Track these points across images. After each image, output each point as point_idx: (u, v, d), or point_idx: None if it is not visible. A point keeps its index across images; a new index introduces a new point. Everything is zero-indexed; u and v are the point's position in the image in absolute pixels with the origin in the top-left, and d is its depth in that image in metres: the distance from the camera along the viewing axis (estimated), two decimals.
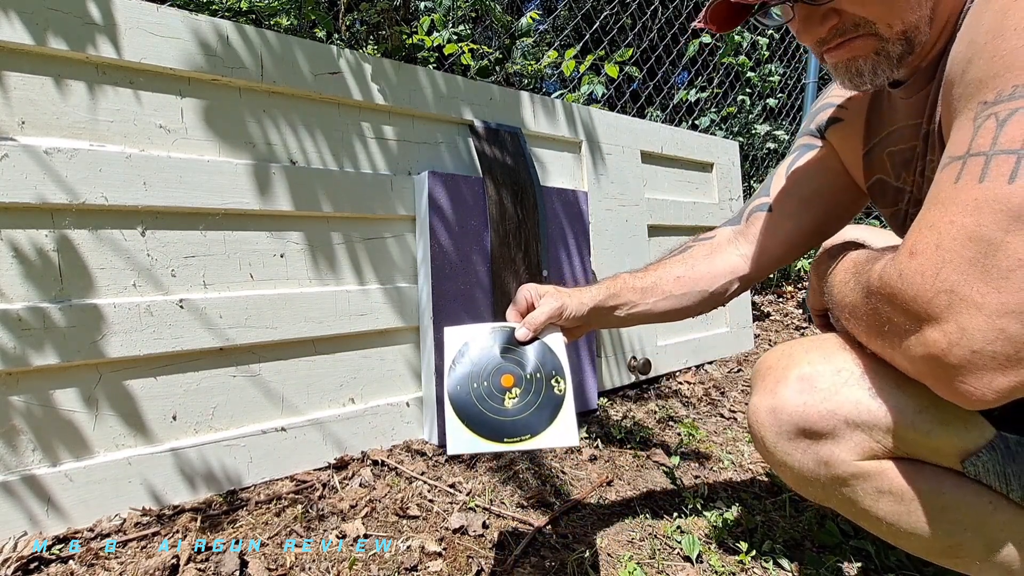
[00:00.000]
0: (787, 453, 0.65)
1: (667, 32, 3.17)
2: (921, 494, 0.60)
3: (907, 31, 0.60)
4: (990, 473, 0.56)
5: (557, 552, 0.96)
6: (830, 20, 0.62)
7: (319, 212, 1.25)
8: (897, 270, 0.52)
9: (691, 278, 0.93)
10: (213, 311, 1.11)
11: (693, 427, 1.50)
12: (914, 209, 0.75)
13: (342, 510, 1.05)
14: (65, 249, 0.98)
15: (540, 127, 1.69)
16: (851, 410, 0.61)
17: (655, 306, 0.91)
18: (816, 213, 0.91)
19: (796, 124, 3.80)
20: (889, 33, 0.61)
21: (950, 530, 0.59)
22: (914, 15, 0.59)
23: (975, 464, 0.56)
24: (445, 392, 0.73)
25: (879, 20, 0.60)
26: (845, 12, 0.60)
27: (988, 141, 0.48)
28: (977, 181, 0.48)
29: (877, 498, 0.62)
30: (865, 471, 0.61)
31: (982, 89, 0.51)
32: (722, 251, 0.95)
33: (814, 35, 0.64)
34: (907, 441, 0.59)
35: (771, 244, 0.92)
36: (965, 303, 0.46)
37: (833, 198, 0.90)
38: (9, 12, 0.93)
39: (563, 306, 0.80)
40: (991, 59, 0.50)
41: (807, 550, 0.99)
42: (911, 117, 0.72)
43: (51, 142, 0.97)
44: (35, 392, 0.95)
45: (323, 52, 1.27)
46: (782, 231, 0.91)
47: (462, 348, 0.76)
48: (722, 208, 2.34)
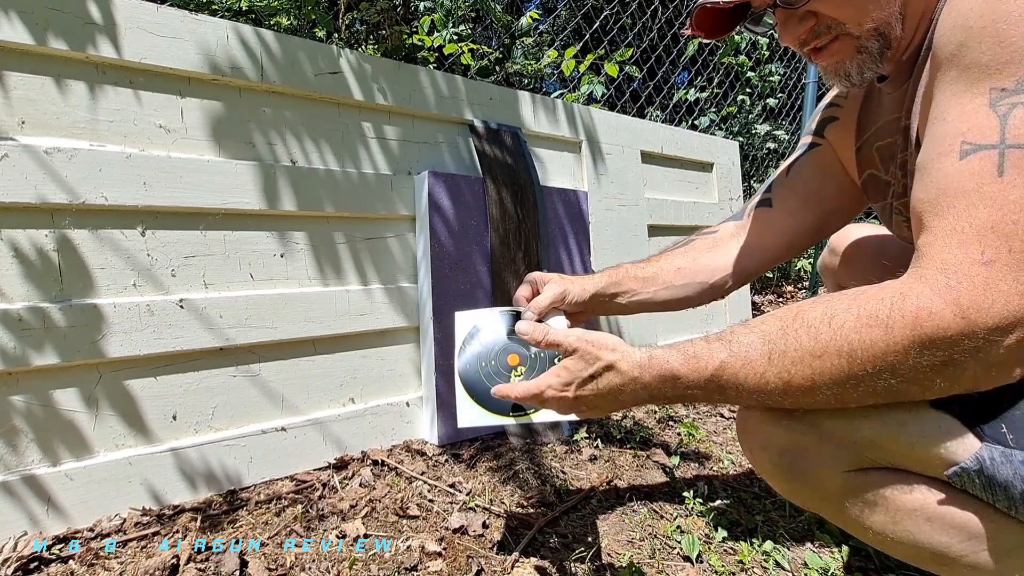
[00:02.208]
0: (775, 465, 0.66)
1: (667, 32, 3.17)
2: (907, 505, 0.60)
3: (879, 27, 0.63)
4: (976, 484, 0.55)
5: (557, 552, 0.96)
6: (807, 22, 0.65)
7: (319, 212, 1.25)
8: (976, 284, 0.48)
9: (691, 270, 0.94)
10: (213, 311, 1.11)
11: (693, 427, 1.50)
12: (898, 202, 0.76)
13: (342, 510, 1.05)
14: (65, 249, 0.98)
15: (540, 127, 1.69)
16: (833, 425, 0.61)
17: (655, 295, 0.93)
18: (816, 211, 0.92)
19: (796, 124, 3.80)
20: (860, 31, 0.64)
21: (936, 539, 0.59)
22: (883, 12, 0.62)
23: (960, 476, 0.56)
24: (456, 371, 0.78)
25: (850, 20, 0.63)
26: (821, 14, 0.64)
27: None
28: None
29: (863, 509, 0.62)
30: (850, 483, 0.62)
31: (994, 75, 0.50)
32: (723, 245, 0.97)
33: (793, 36, 0.67)
34: (891, 453, 0.59)
35: (771, 241, 0.93)
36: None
37: (833, 197, 0.91)
38: (9, 12, 0.93)
39: (566, 291, 0.83)
40: (998, 43, 0.50)
41: (807, 550, 0.99)
42: (893, 112, 0.73)
43: (51, 142, 0.97)
44: (35, 392, 0.95)
45: (323, 52, 1.27)
46: (782, 228, 0.93)
47: (471, 331, 0.81)
48: (722, 208, 2.34)
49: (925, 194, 0.54)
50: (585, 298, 0.87)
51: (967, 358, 0.49)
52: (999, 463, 0.54)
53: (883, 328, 0.51)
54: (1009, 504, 0.54)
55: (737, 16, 0.73)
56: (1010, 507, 0.55)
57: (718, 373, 0.59)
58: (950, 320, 0.48)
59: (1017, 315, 0.47)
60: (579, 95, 2.59)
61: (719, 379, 0.59)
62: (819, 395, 0.56)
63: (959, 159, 0.51)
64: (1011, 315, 0.47)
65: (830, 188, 0.91)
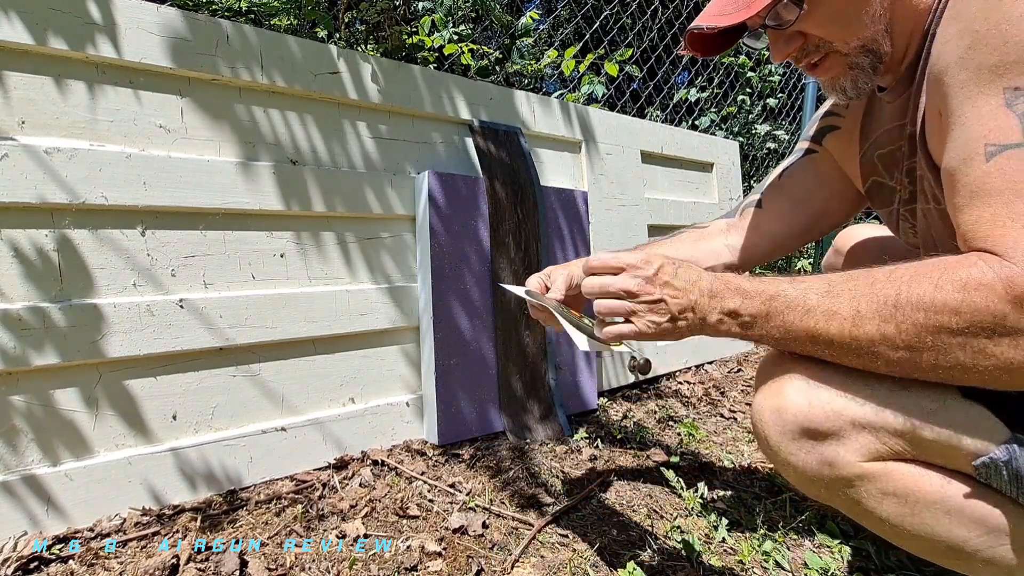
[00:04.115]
0: (791, 453, 0.65)
1: (667, 32, 3.17)
2: (927, 497, 0.59)
3: (865, 44, 0.66)
4: (1002, 477, 0.55)
5: (557, 552, 0.96)
6: (795, 41, 0.68)
7: (319, 212, 1.25)
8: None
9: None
10: (213, 311, 1.11)
11: (693, 427, 1.50)
12: (904, 209, 0.77)
13: (342, 510, 1.05)
14: (65, 249, 0.98)
15: (540, 127, 1.69)
16: (858, 411, 0.60)
17: None
18: (805, 215, 0.95)
19: (796, 124, 3.80)
20: (848, 49, 0.67)
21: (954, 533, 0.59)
22: (867, 31, 0.65)
23: (987, 467, 0.56)
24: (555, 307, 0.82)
25: (836, 39, 0.66)
26: (809, 34, 0.67)
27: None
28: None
29: (881, 500, 0.61)
30: (870, 472, 0.61)
31: (1005, 75, 0.51)
32: (710, 239, 1.00)
33: (783, 54, 0.70)
34: (916, 443, 0.59)
35: (759, 239, 0.96)
36: None
37: (823, 202, 0.94)
38: (9, 12, 0.93)
39: (570, 274, 0.87)
40: (1005, 44, 0.51)
41: (807, 550, 0.99)
42: (895, 119, 0.74)
43: (51, 142, 0.97)
44: (35, 392, 0.95)
45: (323, 52, 1.27)
46: (770, 228, 0.96)
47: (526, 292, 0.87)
48: (722, 208, 2.34)
49: (959, 199, 0.55)
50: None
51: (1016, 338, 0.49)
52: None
53: (933, 285, 0.52)
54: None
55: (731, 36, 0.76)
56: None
57: (775, 295, 0.61)
58: (1000, 292, 0.49)
59: None
60: (579, 95, 2.60)
61: (773, 302, 0.61)
62: (854, 341, 0.56)
63: (986, 161, 0.52)
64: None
65: (822, 194, 0.93)
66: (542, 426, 1.44)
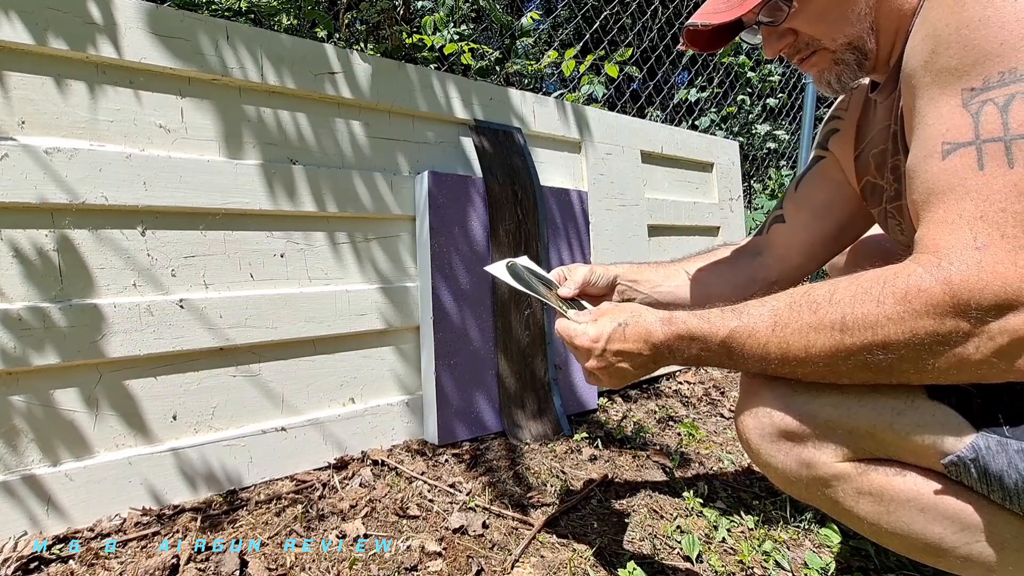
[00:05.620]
0: (771, 455, 0.67)
1: (667, 32, 3.17)
2: (900, 496, 0.60)
3: (852, 42, 0.69)
4: (971, 475, 0.56)
5: (557, 552, 0.96)
6: (787, 38, 0.71)
7: (319, 212, 1.25)
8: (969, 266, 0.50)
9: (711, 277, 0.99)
10: (213, 311, 1.11)
11: (693, 427, 1.50)
12: (891, 206, 0.78)
13: (342, 510, 1.05)
14: (65, 249, 0.98)
15: (540, 127, 1.69)
16: (832, 414, 0.62)
17: (676, 291, 0.98)
18: (828, 223, 0.95)
19: (796, 124, 3.80)
20: (835, 46, 0.70)
21: (930, 530, 0.60)
22: (853, 29, 0.68)
23: (956, 466, 0.56)
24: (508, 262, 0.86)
25: (824, 36, 0.70)
26: (800, 31, 0.71)
27: (998, 127, 0.50)
28: (1008, 167, 0.50)
29: (857, 499, 0.63)
30: (845, 472, 0.63)
31: (963, 77, 0.54)
32: (746, 257, 1.00)
33: (774, 49, 0.73)
34: (886, 443, 0.60)
35: (791, 254, 0.97)
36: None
37: (843, 207, 0.94)
38: (9, 12, 0.93)
39: (591, 271, 0.90)
40: (964, 48, 0.54)
41: (807, 550, 0.99)
42: (884, 119, 0.77)
43: (51, 142, 0.97)
44: (35, 392, 0.95)
45: (323, 52, 1.27)
46: (798, 240, 0.96)
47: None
48: (722, 208, 2.34)
49: (917, 195, 0.57)
50: (609, 278, 0.92)
51: (960, 340, 0.51)
52: (994, 452, 0.54)
53: (875, 303, 0.54)
54: (1004, 496, 0.55)
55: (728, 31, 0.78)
56: (1004, 499, 0.55)
57: (728, 339, 0.63)
58: (939, 297, 0.50)
59: (1017, 296, 0.48)
60: (579, 95, 2.60)
61: (729, 344, 0.63)
62: (813, 366, 0.59)
63: (942, 159, 0.54)
64: (1010, 296, 0.48)
65: (838, 199, 0.93)
66: (542, 426, 1.44)
